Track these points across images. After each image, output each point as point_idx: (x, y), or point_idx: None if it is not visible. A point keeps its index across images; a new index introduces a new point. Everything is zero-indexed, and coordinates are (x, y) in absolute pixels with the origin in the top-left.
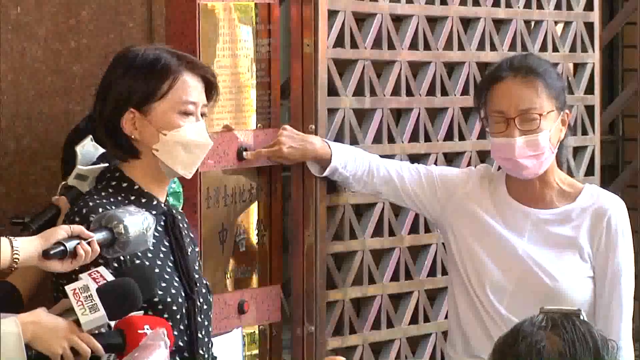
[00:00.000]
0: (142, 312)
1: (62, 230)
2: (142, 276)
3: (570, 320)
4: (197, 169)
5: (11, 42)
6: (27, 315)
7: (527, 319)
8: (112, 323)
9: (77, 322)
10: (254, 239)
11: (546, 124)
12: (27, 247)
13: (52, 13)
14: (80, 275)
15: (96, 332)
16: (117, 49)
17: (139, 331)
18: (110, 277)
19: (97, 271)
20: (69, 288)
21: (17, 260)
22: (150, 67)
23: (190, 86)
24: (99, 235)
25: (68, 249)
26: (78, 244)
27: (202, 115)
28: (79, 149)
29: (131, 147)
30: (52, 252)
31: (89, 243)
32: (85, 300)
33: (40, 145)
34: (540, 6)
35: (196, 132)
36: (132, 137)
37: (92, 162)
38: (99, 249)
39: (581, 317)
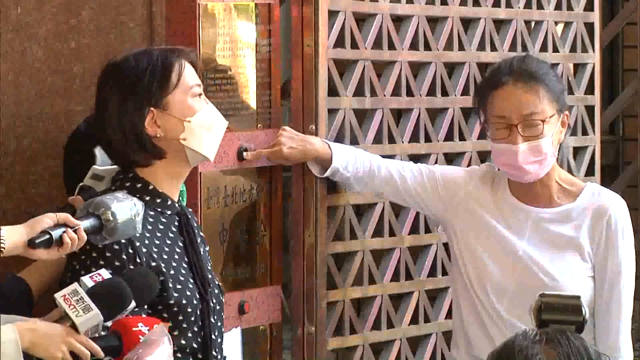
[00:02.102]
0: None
1: (47, 219)
2: (144, 278)
3: (565, 334)
4: (197, 169)
5: (12, 42)
6: (23, 323)
7: (521, 333)
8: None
9: (73, 327)
10: (254, 239)
11: (548, 129)
12: (13, 236)
13: (53, 13)
14: (82, 279)
15: (94, 336)
16: (118, 49)
17: (134, 329)
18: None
19: (98, 274)
20: (58, 296)
21: (2, 249)
22: (156, 65)
23: (192, 69)
24: (86, 223)
25: (54, 238)
26: (64, 232)
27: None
28: (98, 150)
29: (156, 148)
30: (37, 241)
31: (75, 231)
32: (77, 303)
33: (41, 146)
34: (540, 6)
35: (214, 113)
36: (157, 136)
37: (110, 163)
38: (85, 237)
39: (582, 309)
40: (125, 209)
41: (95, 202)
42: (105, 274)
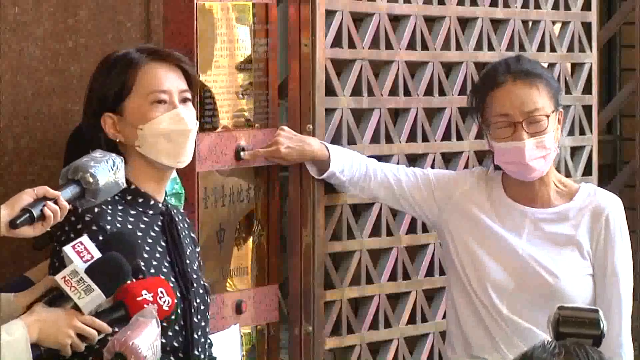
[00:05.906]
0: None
1: (26, 195)
2: (123, 242)
3: (583, 348)
4: (195, 169)
5: (9, 41)
6: (28, 316)
7: (539, 345)
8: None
9: (76, 308)
10: (252, 239)
11: (551, 125)
12: None
13: (50, 13)
14: (64, 248)
15: (97, 311)
16: (115, 49)
17: (139, 299)
18: (93, 248)
19: (80, 243)
20: (58, 277)
21: None
22: (112, 68)
23: (159, 75)
24: (66, 191)
25: (35, 214)
26: (44, 205)
27: (186, 100)
28: None
29: (119, 152)
30: (18, 221)
31: (55, 202)
32: (77, 285)
33: (39, 145)
34: (537, 6)
35: (173, 120)
36: (118, 141)
37: None
38: (67, 205)
39: (600, 322)
40: (104, 167)
41: (73, 167)
42: (87, 242)
